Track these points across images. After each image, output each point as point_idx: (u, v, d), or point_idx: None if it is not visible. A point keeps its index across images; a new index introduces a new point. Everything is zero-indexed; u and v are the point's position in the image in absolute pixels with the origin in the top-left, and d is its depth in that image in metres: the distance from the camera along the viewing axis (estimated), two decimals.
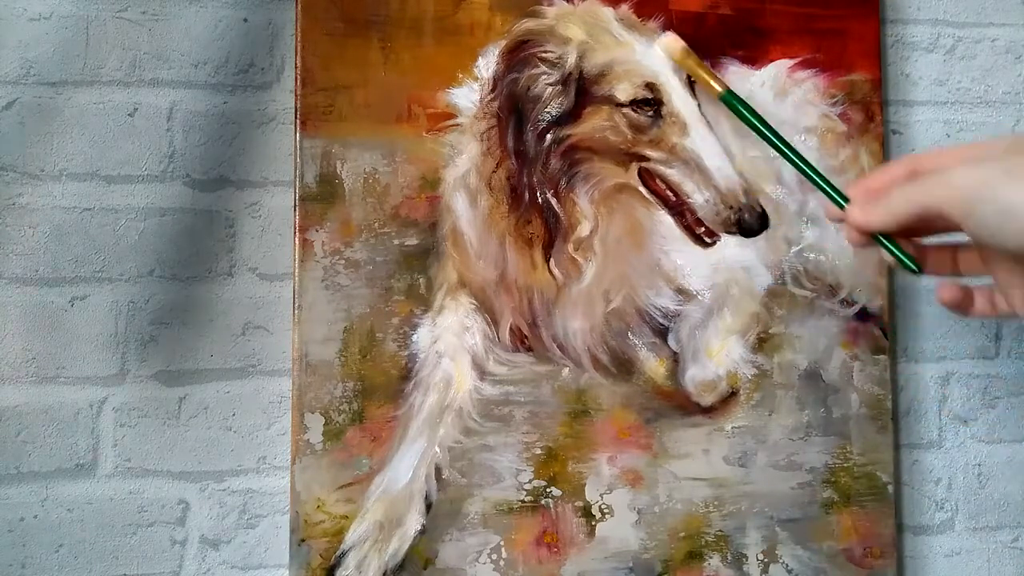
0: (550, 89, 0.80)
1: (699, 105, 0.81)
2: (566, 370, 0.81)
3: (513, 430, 0.80)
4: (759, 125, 0.62)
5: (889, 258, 0.53)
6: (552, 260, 0.81)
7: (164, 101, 0.80)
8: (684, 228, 0.82)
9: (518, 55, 0.81)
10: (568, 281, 0.81)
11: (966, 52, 0.95)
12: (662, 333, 0.84)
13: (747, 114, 0.63)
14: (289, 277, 0.79)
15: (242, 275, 0.81)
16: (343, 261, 0.78)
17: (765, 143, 0.62)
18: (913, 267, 0.53)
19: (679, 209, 0.81)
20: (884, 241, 0.52)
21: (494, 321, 0.81)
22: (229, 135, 0.81)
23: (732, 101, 0.64)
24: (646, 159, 0.81)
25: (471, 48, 0.81)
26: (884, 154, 0.89)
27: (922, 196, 0.48)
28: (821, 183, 0.57)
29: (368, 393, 0.77)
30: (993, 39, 0.96)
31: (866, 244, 0.53)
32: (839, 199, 0.56)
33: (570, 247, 0.81)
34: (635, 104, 0.80)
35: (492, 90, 0.80)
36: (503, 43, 0.81)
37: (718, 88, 0.66)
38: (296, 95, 0.78)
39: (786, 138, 0.61)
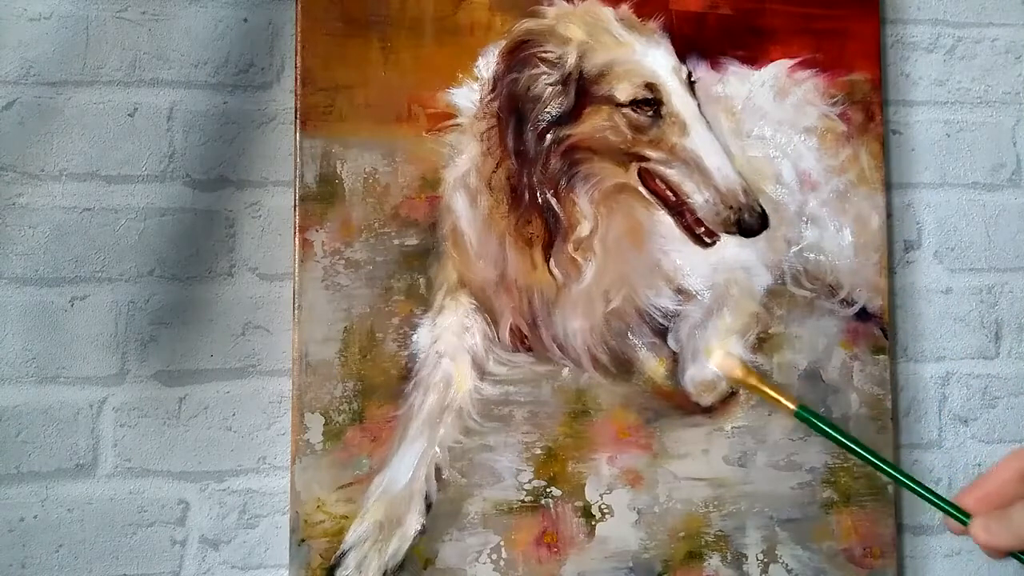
0: (550, 89, 0.80)
1: (699, 105, 0.81)
2: (566, 370, 0.81)
3: (513, 430, 0.80)
4: (842, 439, 0.56)
5: None
6: (552, 260, 0.81)
7: (164, 101, 0.80)
8: (684, 228, 0.82)
9: (518, 55, 0.81)
10: (568, 281, 0.81)
11: (966, 52, 0.95)
12: (662, 333, 0.84)
13: (828, 429, 0.56)
14: (289, 277, 0.79)
15: (242, 275, 0.81)
16: (343, 261, 0.78)
17: (838, 443, 0.56)
18: None
19: (679, 209, 0.81)
20: (1020, 556, 0.49)
21: (494, 321, 0.81)
22: (229, 135, 0.81)
23: (808, 417, 0.57)
24: (646, 159, 0.81)
25: (471, 48, 0.81)
26: (884, 154, 0.89)
27: None
28: (935, 500, 0.53)
29: (368, 393, 0.77)
30: (993, 39, 0.96)
31: (1001, 557, 0.50)
32: (959, 515, 0.51)
33: (570, 247, 0.81)
34: (635, 104, 0.80)
35: (492, 90, 0.80)
36: (503, 43, 0.81)
37: (790, 406, 0.58)
38: (296, 95, 0.78)
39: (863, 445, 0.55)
